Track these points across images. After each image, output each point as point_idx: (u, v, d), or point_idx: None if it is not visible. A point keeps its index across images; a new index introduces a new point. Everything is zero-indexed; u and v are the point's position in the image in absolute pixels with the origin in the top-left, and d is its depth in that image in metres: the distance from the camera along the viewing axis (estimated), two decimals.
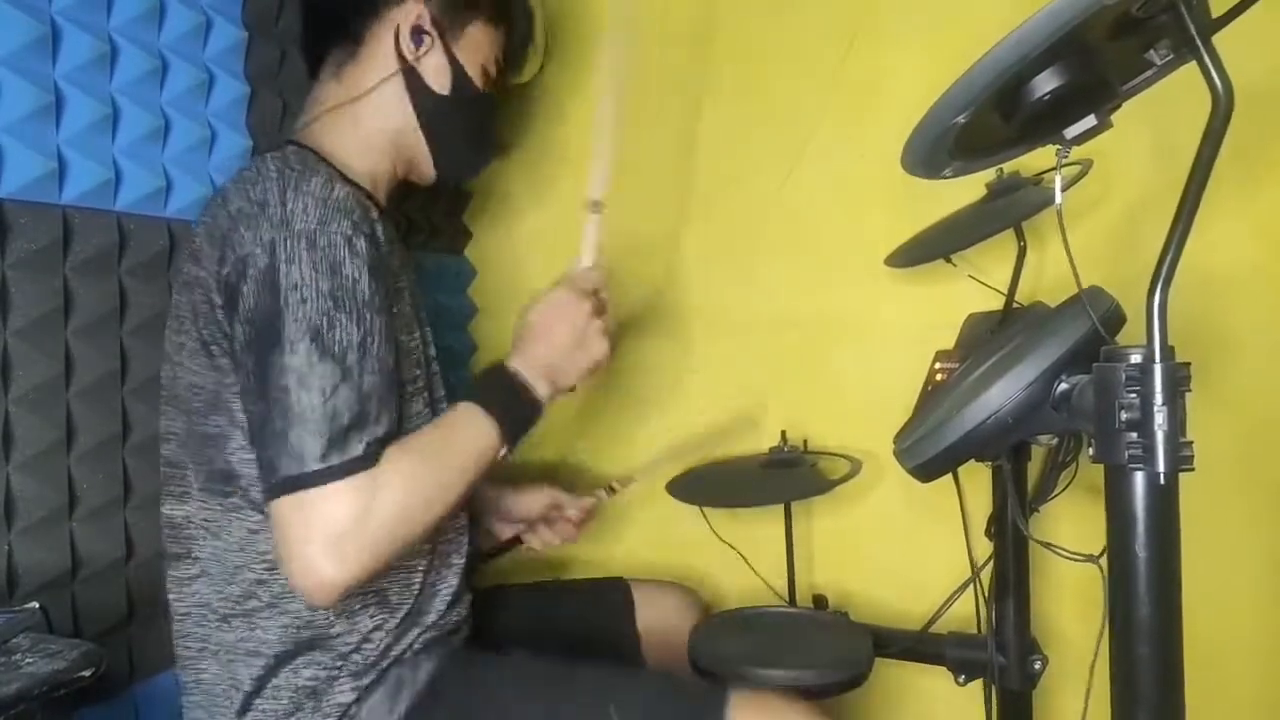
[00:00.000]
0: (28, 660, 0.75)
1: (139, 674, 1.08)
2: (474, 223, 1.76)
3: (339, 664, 0.91)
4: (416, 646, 0.96)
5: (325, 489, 0.78)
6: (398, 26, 1.03)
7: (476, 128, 1.14)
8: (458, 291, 1.74)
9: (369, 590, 0.91)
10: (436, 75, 1.05)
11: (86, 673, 0.75)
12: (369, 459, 0.81)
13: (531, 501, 1.26)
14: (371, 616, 0.93)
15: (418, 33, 1.03)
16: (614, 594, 1.24)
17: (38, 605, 0.84)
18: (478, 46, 1.08)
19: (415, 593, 0.97)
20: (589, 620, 1.20)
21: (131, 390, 1.06)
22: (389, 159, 1.07)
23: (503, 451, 0.94)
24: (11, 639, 0.78)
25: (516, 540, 1.29)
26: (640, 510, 1.62)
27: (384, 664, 0.93)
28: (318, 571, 0.77)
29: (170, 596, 0.96)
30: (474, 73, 1.08)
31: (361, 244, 0.86)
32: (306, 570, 0.78)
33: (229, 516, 0.90)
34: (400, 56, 1.03)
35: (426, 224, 1.62)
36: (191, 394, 0.91)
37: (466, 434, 0.92)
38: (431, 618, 0.99)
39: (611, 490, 1.28)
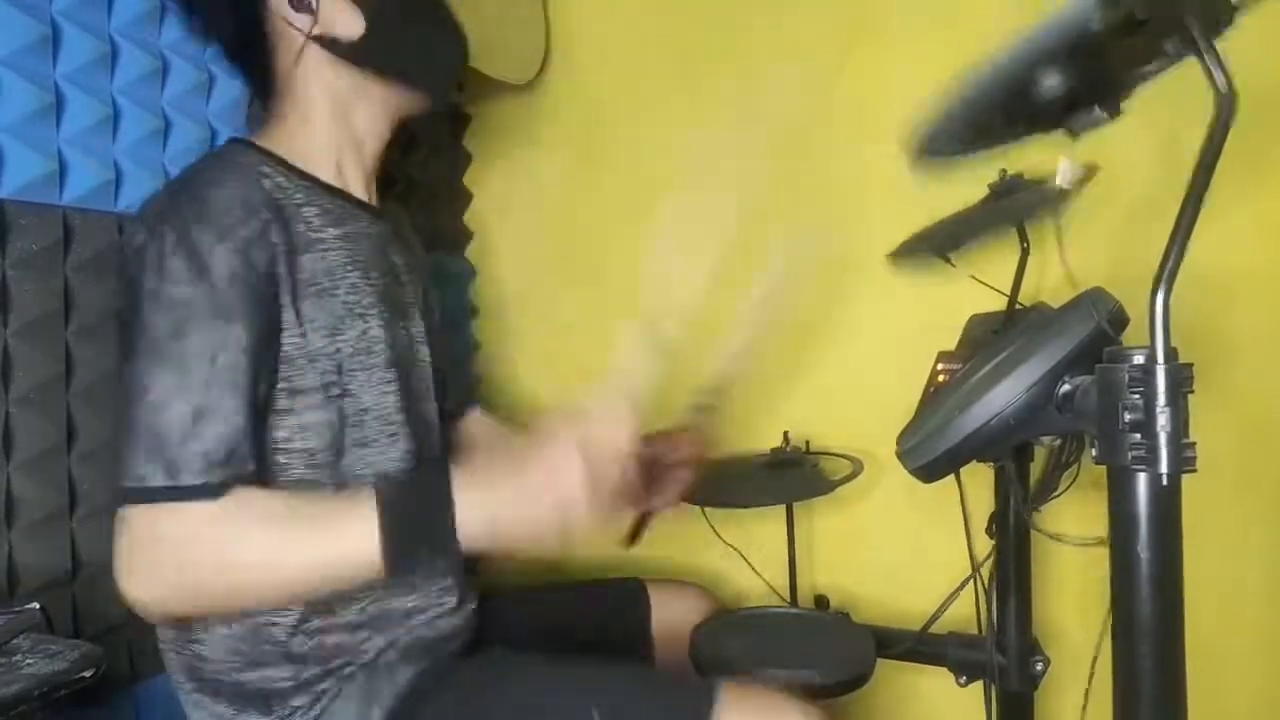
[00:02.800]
0: (28, 661, 0.75)
1: (139, 674, 1.08)
2: (474, 223, 1.76)
3: (291, 669, 0.89)
4: (390, 656, 0.93)
5: (140, 509, 0.76)
6: (277, 11, 0.94)
7: (421, 24, 1.01)
8: (458, 292, 1.74)
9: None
10: (344, 23, 0.95)
11: (87, 673, 0.75)
12: (199, 490, 0.76)
13: None
14: (317, 618, 0.90)
15: (299, 2, 0.93)
16: (630, 593, 1.23)
17: (38, 606, 0.83)
18: None
19: (364, 602, 0.92)
20: (604, 620, 1.19)
21: None
22: (344, 131, 0.99)
23: (375, 575, 0.79)
24: (11, 640, 0.78)
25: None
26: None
27: (345, 670, 0.91)
28: (126, 588, 0.76)
29: None
30: None
31: (245, 257, 0.82)
32: (124, 586, 0.76)
33: None
34: (301, 32, 0.94)
35: (427, 224, 1.62)
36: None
37: (344, 530, 0.78)
38: (414, 622, 0.96)
39: (704, 409, 0.99)
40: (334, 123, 0.98)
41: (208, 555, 0.77)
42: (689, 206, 1.50)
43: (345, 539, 0.78)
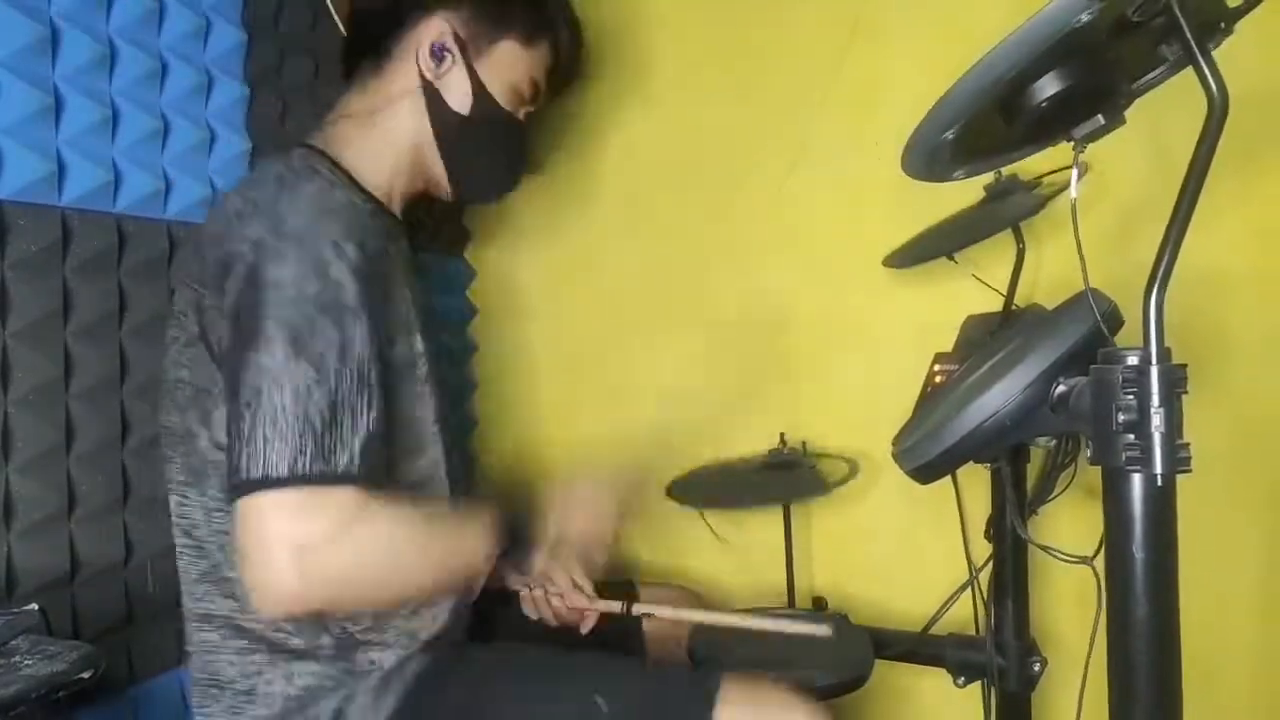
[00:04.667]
0: (26, 662, 0.75)
1: (138, 676, 1.08)
2: (474, 223, 1.76)
3: (321, 669, 0.90)
4: (401, 651, 0.94)
5: (288, 494, 0.76)
6: (419, 45, 1.01)
7: (498, 150, 1.10)
8: (457, 292, 1.74)
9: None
10: (458, 94, 1.02)
11: (85, 675, 0.75)
12: (346, 476, 0.78)
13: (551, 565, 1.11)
14: (349, 626, 0.91)
15: (439, 50, 1.00)
16: (623, 596, 1.23)
17: (36, 607, 0.83)
18: (507, 66, 1.05)
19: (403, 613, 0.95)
20: (598, 623, 1.20)
21: (131, 391, 1.06)
22: (406, 172, 1.04)
23: (484, 567, 0.96)
24: (10, 641, 0.78)
25: (510, 594, 1.15)
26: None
27: (368, 668, 0.92)
28: (273, 581, 0.75)
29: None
30: (500, 93, 1.04)
31: (351, 250, 0.85)
32: (262, 578, 0.76)
33: (205, 514, 0.89)
34: (421, 73, 1.01)
35: (427, 224, 1.63)
36: (178, 389, 0.91)
37: (469, 532, 0.93)
38: (413, 623, 0.96)
39: (629, 611, 1.08)
40: (402, 160, 1.04)
41: (354, 546, 0.78)
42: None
43: (466, 541, 0.92)
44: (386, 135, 1.02)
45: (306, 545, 0.76)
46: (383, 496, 0.82)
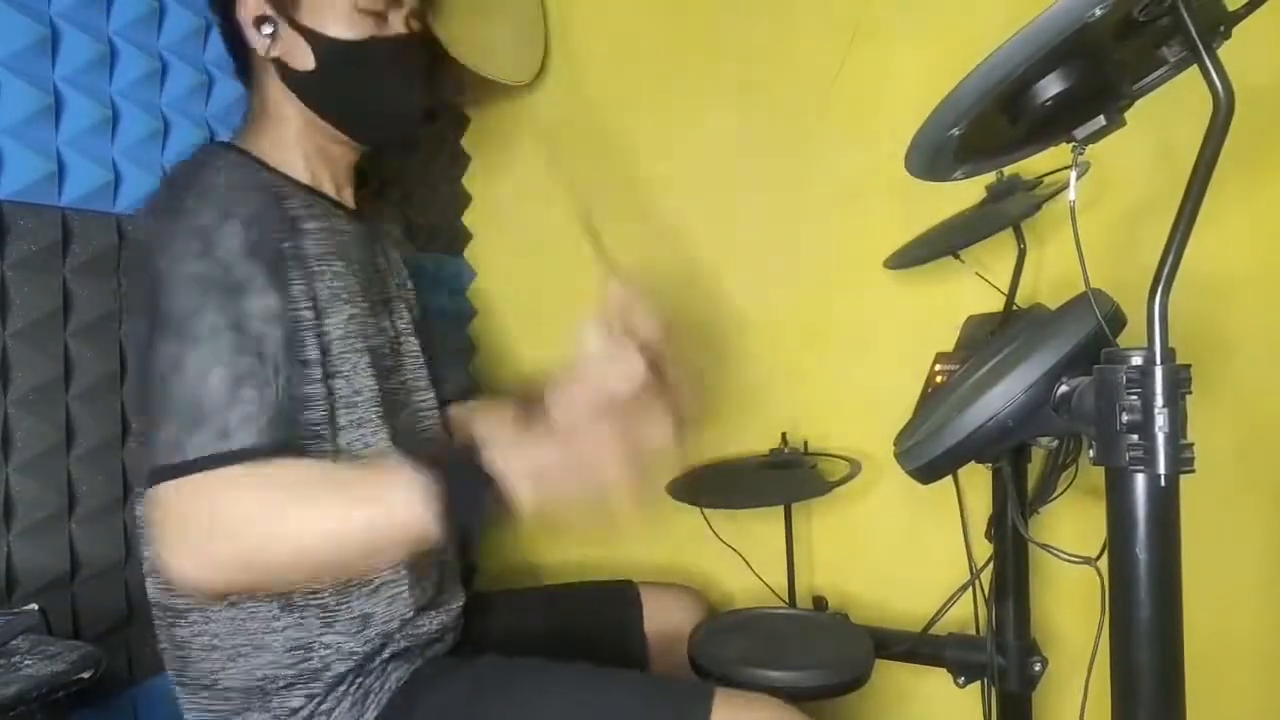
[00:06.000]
0: (26, 662, 0.75)
1: (138, 676, 1.08)
2: (474, 223, 1.76)
3: (286, 669, 0.90)
4: (384, 656, 0.94)
5: (186, 481, 0.74)
6: (245, 24, 0.96)
7: (366, 80, 1.00)
8: (457, 292, 1.74)
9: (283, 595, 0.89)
10: (299, 54, 0.96)
11: (85, 674, 0.75)
12: (241, 455, 0.76)
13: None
14: (315, 620, 0.91)
15: (262, 22, 0.95)
16: (623, 596, 1.23)
17: (36, 607, 0.83)
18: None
19: (353, 596, 0.93)
20: (597, 622, 1.19)
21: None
22: (314, 146, 1.01)
23: (427, 535, 0.77)
24: (10, 641, 0.78)
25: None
26: (640, 511, 1.62)
27: (340, 667, 0.91)
28: (177, 566, 0.74)
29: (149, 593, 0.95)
30: (341, 25, 0.96)
31: (239, 230, 0.83)
32: (167, 564, 0.75)
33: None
34: (264, 52, 0.97)
35: (427, 224, 1.63)
36: (129, 391, 0.92)
37: (399, 503, 0.76)
38: (393, 624, 0.95)
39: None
40: (304, 134, 1.01)
41: (264, 522, 0.76)
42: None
43: (396, 506, 0.76)
44: (277, 122, 1.00)
45: (207, 530, 0.74)
46: (295, 463, 0.79)
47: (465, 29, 1.08)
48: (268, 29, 0.95)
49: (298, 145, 1.00)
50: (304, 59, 0.96)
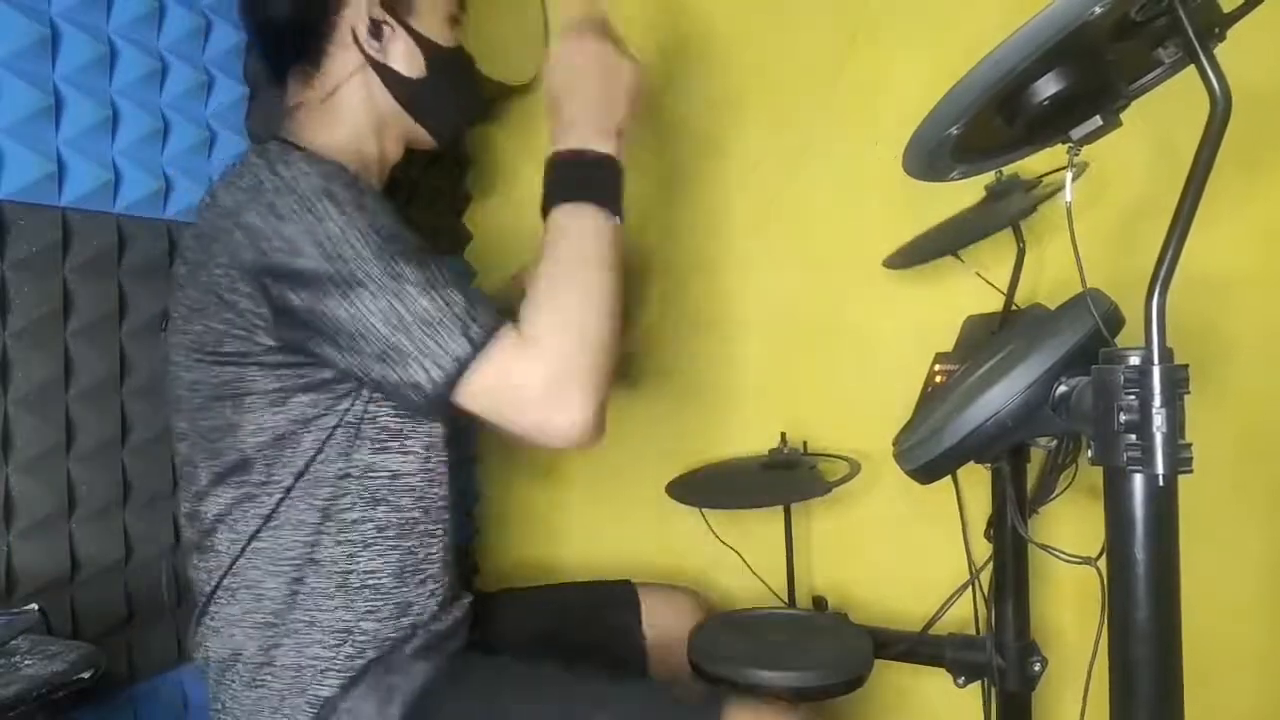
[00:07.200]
0: (26, 662, 0.75)
1: (138, 676, 1.08)
2: (474, 224, 1.76)
3: (329, 652, 0.90)
4: (409, 650, 0.95)
5: (477, 366, 0.80)
6: (353, 28, 0.98)
7: (462, 87, 1.10)
8: None
9: (351, 572, 0.91)
10: (407, 60, 1.01)
11: (86, 674, 0.75)
12: (493, 325, 0.82)
13: None
14: (362, 604, 0.92)
15: (376, 25, 0.99)
16: (621, 597, 1.23)
17: (37, 607, 0.83)
18: (434, 4, 1.03)
19: (406, 581, 0.95)
20: (596, 623, 1.19)
21: (131, 391, 1.06)
22: (374, 144, 1.04)
23: (615, 221, 0.91)
24: (10, 641, 0.78)
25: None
26: (640, 511, 1.62)
27: (371, 655, 0.92)
28: (554, 420, 0.82)
29: (198, 580, 0.95)
30: (439, 34, 1.03)
31: (353, 189, 0.86)
32: (547, 423, 0.82)
33: (241, 506, 0.90)
34: (367, 55, 0.99)
35: (427, 224, 1.62)
36: (191, 392, 0.90)
37: (574, 230, 0.89)
38: (424, 616, 0.97)
39: None
40: (367, 133, 1.03)
41: (568, 325, 0.84)
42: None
43: (586, 228, 0.89)
44: (342, 115, 1.01)
45: (524, 369, 0.81)
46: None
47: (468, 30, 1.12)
48: (383, 32, 0.99)
49: (358, 145, 1.02)
50: (413, 65, 1.02)
